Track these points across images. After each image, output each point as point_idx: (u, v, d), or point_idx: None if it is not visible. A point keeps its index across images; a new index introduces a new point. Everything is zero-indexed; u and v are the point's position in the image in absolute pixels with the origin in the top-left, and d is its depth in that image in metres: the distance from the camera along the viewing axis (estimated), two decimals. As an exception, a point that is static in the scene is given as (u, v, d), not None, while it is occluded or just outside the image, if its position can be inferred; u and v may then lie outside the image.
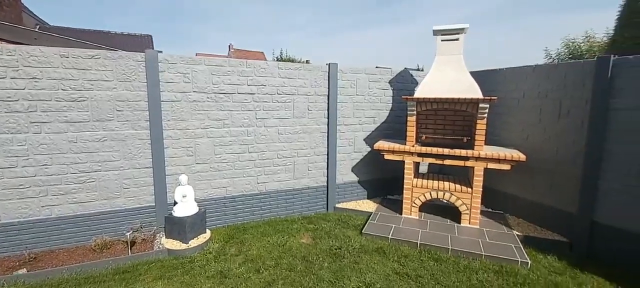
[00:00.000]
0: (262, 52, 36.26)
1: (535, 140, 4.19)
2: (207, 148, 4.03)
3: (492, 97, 3.88)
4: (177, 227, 3.67)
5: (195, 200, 3.94)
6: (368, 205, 5.01)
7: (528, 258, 3.41)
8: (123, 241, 3.58)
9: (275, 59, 25.35)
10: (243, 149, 4.22)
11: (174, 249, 3.54)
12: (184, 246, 3.60)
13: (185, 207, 3.73)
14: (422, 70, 5.54)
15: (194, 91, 3.87)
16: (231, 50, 34.20)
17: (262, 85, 4.20)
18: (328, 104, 4.66)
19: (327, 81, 4.62)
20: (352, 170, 5.10)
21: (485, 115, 3.95)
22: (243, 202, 4.34)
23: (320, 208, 4.90)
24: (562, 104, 3.85)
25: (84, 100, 3.41)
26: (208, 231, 3.99)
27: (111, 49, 4.72)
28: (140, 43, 16.58)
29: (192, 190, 3.85)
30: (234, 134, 4.14)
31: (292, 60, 24.44)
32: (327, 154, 4.79)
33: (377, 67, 5.12)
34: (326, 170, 4.83)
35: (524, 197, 4.40)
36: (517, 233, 4.00)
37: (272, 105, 4.31)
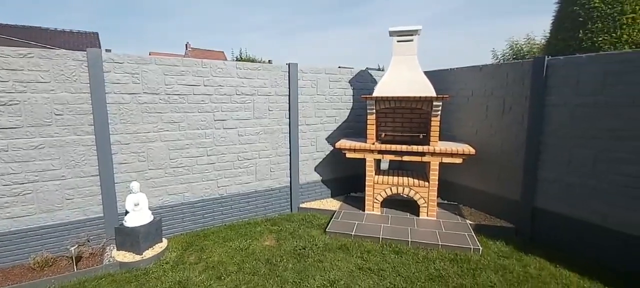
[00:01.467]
0: (222, 52, 35.24)
1: (484, 134, 4.50)
2: (161, 153, 3.81)
3: (445, 96, 4.10)
4: (130, 238, 3.44)
5: (150, 208, 3.72)
6: (332, 204, 5.06)
7: (479, 245, 3.64)
8: (67, 257, 3.27)
9: (235, 59, 24.74)
10: (201, 152, 4.06)
11: (126, 262, 3.31)
12: (137, 257, 3.38)
13: (137, 215, 3.50)
14: (383, 69, 5.71)
15: (145, 92, 3.64)
16: (188, 49, 32.84)
17: (220, 85, 4.07)
18: (289, 104, 4.64)
19: (287, 81, 4.59)
20: (315, 170, 5.12)
21: (439, 112, 4.16)
22: (203, 207, 4.17)
23: (284, 209, 4.86)
24: (505, 101, 4.17)
25: (16, 104, 3.06)
26: (164, 240, 3.78)
27: (50, 48, 4.30)
28: (85, 41, 15.35)
29: (146, 197, 3.63)
30: (191, 137, 3.96)
31: (253, 60, 24.02)
32: (290, 154, 4.76)
33: (340, 67, 5.19)
34: (289, 171, 4.80)
35: (475, 188, 4.71)
36: (470, 222, 4.26)
37: (231, 106, 4.19)
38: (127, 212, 3.52)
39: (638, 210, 3.03)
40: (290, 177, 4.81)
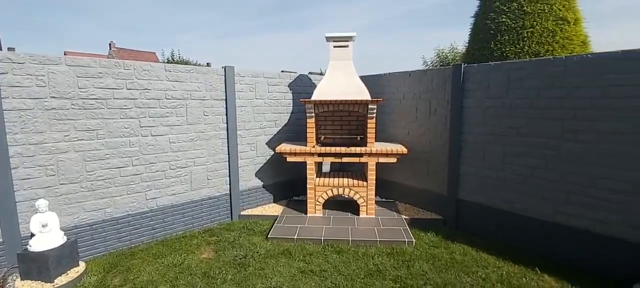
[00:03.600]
0: (154, 53, 32.71)
1: (414, 134, 4.85)
2: (75, 165, 3.37)
3: (379, 99, 4.33)
4: (37, 265, 2.96)
5: (63, 228, 3.25)
6: (274, 209, 4.99)
7: (413, 238, 3.90)
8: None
9: (166, 61, 23.14)
10: (125, 162, 3.68)
11: (31, 293, 2.84)
12: (48, 286, 2.93)
13: (46, 238, 3.03)
14: (324, 74, 5.82)
15: (53, 97, 3.19)
16: (112, 49, 29.81)
17: (146, 89, 3.75)
18: (226, 108, 4.46)
19: (223, 85, 4.42)
20: (256, 175, 4.99)
21: (374, 114, 4.38)
22: (129, 223, 3.78)
23: (224, 218, 4.65)
24: (431, 103, 4.56)
25: None
26: (82, 263, 3.34)
27: None
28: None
29: (56, 216, 3.17)
30: (112, 146, 3.57)
31: (187, 63, 22.72)
32: (229, 161, 4.57)
33: (282, 72, 5.16)
34: (228, 178, 4.61)
35: (409, 184, 5.04)
36: (405, 217, 4.55)
37: (160, 112, 3.88)
38: (33, 235, 3.04)
39: (535, 196, 3.53)
40: (230, 184, 4.62)
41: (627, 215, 2.94)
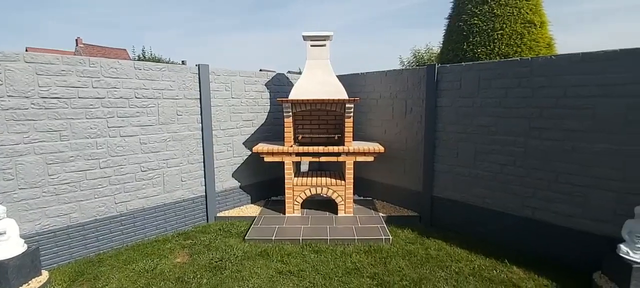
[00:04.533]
0: (125, 49, 31.38)
1: (391, 133, 4.93)
2: (36, 168, 3.16)
3: (355, 98, 4.36)
4: (-7, 276, 2.76)
5: (23, 235, 3.05)
6: (252, 210, 4.91)
7: (390, 235, 3.96)
8: None
9: (137, 58, 22.24)
10: (92, 165, 3.50)
11: (-14, 307, 2.65)
12: (5, 299, 2.74)
13: (4, 247, 2.83)
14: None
15: (10, 96, 2.98)
16: (79, 45, 28.31)
17: (114, 87, 3.58)
18: (201, 107, 4.34)
19: (198, 84, 4.30)
20: (233, 176, 4.90)
21: (351, 114, 4.40)
22: (96, 229, 3.60)
23: (200, 221, 4.53)
24: (407, 102, 4.64)
25: None
26: (45, 272, 3.14)
27: None
28: None
29: (15, 223, 2.96)
30: (77, 147, 3.39)
31: (159, 60, 21.94)
32: (204, 161, 4.45)
33: (261, 70, 5.09)
34: (204, 179, 4.49)
35: (386, 182, 5.12)
36: (382, 215, 4.61)
37: (130, 111, 3.72)
38: (-13, 245, 2.82)
39: (504, 192, 3.68)
40: (206, 186, 4.50)
41: (587, 208, 3.12)
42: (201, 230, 4.30)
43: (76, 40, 28.92)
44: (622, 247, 2.72)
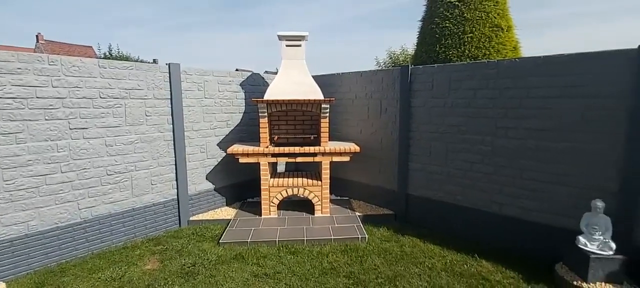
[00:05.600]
0: (91, 47, 29.88)
1: (367, 133, 4.98)
2: (-13, 174, 2.93)
3: (331, 99, 4.37)
4: (-63, 293, 2.53)
5: (-28, 247, 2.82)
6: (227, 213, 4.81)
7: (366, 234, 4.00)
8: None
9: (104, 56, 21.18)
10: (52, 169, 3.29)
11: None
12: (-49, 317, 2.52)
13: (-51, 260, 2.61)
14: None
15: (-44, 95, 2.75)
16: (40, 41, 26.67)
17: (77, 87, 3.38)
18: (172, 108, 4.19)
19: (168, 83, 4.15)
20: (206, 178, 4.77)
21: (327, 114, 4.41)
22: (58, 237, 3.38)
23: (172, 225, 4.37)
24: (382, 103, 4.71)
25: None
26: (1, 284, 2.92)
27: None
28: None
29: (-37, 234, 2.74)
30: (35, 151, 3.17)
31: (127, 59, 20.99)
32: (176, 164, 4.30)
33: (237, 70, 4.98)
34: (176, 182, 4.34)
35: (362, 182, 5.17)
36: (358, 214, 4.65)
37: (94, 112, 3.53)
38: None
39: (474, 189, 3.82)
40: (178, 189, 4.36)
41: (550, 203, 3.29)
42: (173, 235, 4.16)
43: (37, 36, 27.21)
44: (581, 238, 2.89)
